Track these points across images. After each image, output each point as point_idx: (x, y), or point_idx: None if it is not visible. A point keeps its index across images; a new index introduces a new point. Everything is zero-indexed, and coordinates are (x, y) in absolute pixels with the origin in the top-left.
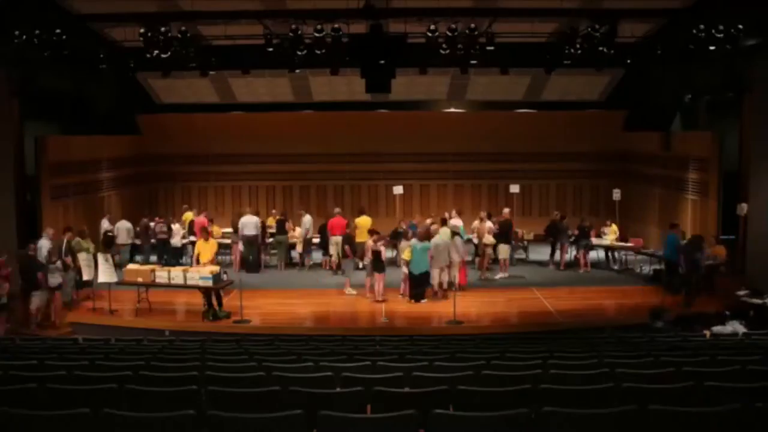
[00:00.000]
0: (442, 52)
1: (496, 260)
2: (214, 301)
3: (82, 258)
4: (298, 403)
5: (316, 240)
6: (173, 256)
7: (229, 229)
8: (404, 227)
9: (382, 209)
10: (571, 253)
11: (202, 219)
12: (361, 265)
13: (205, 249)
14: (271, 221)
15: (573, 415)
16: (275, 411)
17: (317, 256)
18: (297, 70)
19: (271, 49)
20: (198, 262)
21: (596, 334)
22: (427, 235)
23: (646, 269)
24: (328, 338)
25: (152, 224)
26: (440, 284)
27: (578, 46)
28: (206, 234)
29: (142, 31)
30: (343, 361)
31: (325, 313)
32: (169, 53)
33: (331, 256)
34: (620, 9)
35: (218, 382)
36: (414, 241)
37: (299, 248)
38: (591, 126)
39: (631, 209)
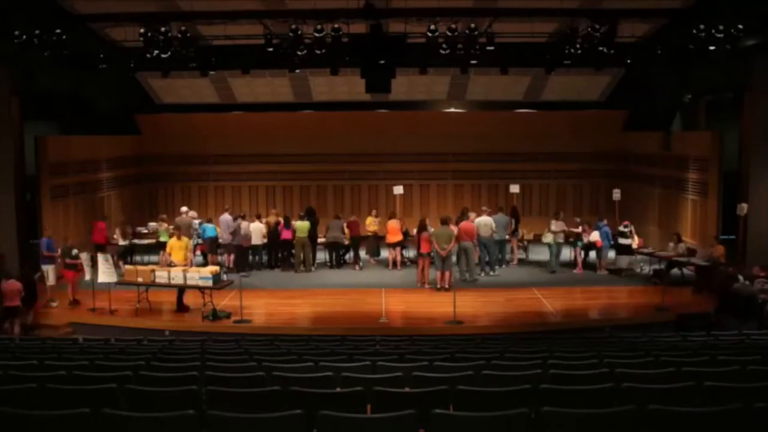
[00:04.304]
0: (442, 52)
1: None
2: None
3: (84, 258)
4: (298, 403)
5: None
6: None
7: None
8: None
9: (383, 209)
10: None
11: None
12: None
13: (176, 248)
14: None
15: (573, 415)
16: (275, 411)
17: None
18: (297, 70)
19: (271, 49)
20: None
21: (596, 334)
22: None
23: (646, 269)
24: (328, 338)
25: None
26: None
27: (578, 46)
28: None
29: (142, 31)
30: (343, 361)
31: (325, 313)
32: (169, 53)
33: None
34: (620, 9)
35: (218, 382)
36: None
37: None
38: (591, 126)
39: (631, 209)
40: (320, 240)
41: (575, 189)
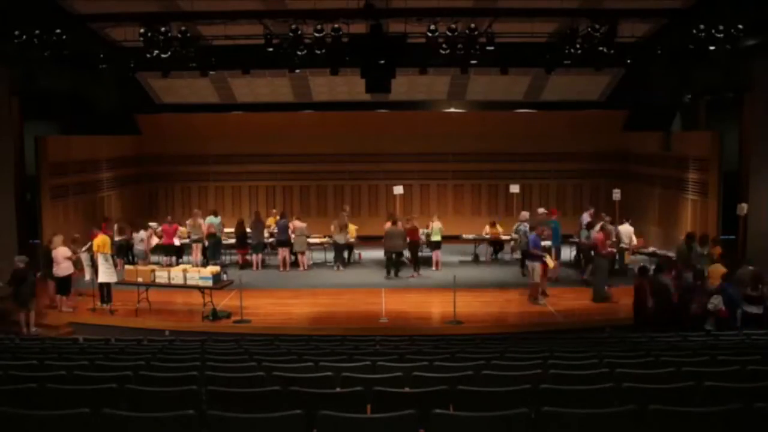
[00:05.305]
0: (442, 52)
1: None
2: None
3: (84, 259)
4: (298, 403)
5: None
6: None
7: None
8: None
9: (382, 209)
10: None
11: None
12: None
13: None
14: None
15: (573, 415)
16: (275, 411)
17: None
18: (297, 70)
19: (271, 49)
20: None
21: (596, 334)
22: None
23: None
24: (328, 338)
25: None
26: None
27: (578, 46)
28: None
29: (142, 31)
30: (343, 361)
31: (325, 313)
32: (169, 53)
33: None
34: (620, 9)
35: (218, 382)
36: None
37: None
38: (591, 126)
39: (631, 209)
40: (322, 239)
41: (575, 189)
